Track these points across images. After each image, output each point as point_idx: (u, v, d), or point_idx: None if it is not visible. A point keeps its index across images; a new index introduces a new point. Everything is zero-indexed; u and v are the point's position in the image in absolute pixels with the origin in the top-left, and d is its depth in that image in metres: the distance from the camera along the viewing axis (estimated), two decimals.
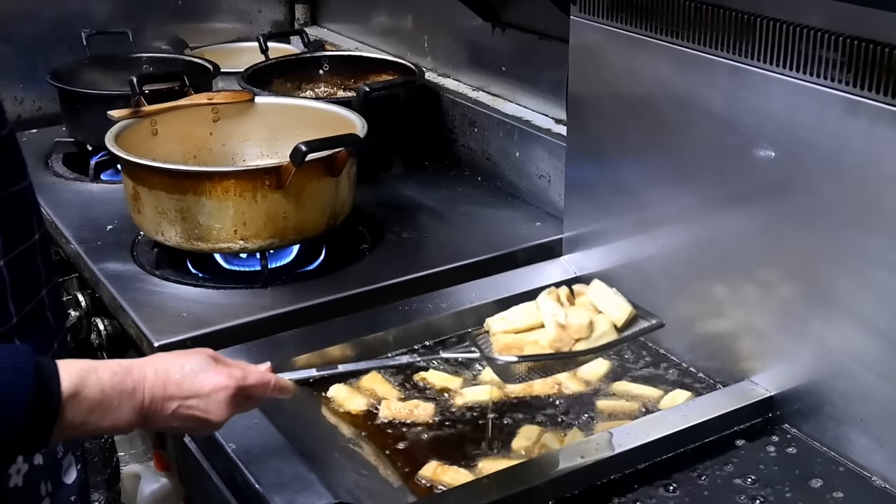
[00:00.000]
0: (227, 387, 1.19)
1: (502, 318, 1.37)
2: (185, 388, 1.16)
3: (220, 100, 2.17)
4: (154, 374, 1.14)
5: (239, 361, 1.27)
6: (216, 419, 1.19)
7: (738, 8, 1.45)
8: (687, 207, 1.62)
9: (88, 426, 1.09)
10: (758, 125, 1.46)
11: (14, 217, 1.14)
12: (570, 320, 1.29)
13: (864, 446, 1.39)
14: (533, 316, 1.34)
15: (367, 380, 1.62)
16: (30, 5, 2.75)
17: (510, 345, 1.32)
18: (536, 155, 2.18)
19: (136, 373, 1.12)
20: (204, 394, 1.17)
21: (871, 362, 1.36)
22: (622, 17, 1.66)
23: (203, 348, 1.26)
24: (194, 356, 1.21)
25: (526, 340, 1.32)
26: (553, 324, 1.30)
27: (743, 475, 1.40)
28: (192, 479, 1.65)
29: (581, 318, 1.30)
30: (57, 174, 2.43)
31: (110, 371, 1.09)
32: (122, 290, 1.86)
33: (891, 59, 1.26)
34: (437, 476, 1.41)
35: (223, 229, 1.82)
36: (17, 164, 1.16)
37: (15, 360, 1.02)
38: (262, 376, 1.25)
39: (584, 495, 1.36)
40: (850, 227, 1.36)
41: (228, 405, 1.19)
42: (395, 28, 2.80)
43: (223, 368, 1.21)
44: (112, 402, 1.09)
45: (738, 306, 1.57)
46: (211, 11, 3.06)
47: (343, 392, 1.59)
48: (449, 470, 1.42)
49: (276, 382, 1.27)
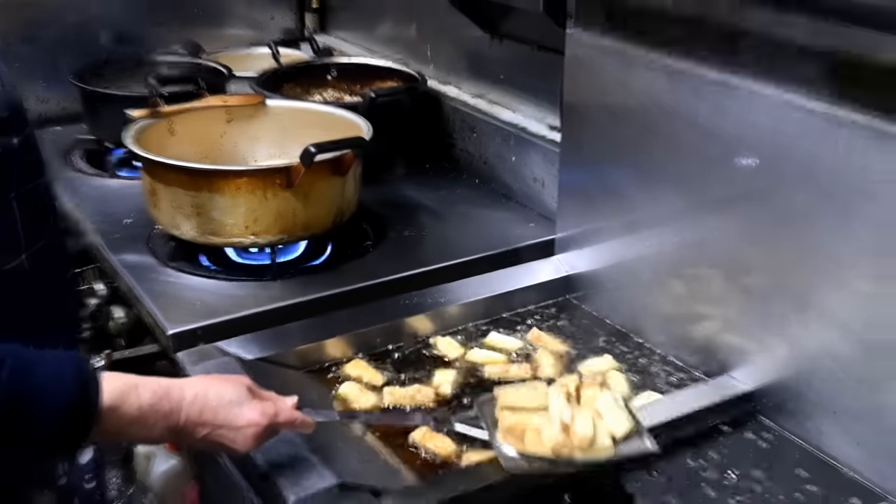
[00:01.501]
0: (258, 423, 1.20)
1: (512, 392, 1.36)
2: (219, 418, 1.17)
3: (234, 102, 2.17)
4: (192, 399, 1.15)
5: (270, 393, 1.26)
6: (242, 449, 1.20)
7: (725, 24, 1.45)
8: (673, 211, 1.63)
9: (123, 436, 1.15)
10: (741, 135, 1.46)
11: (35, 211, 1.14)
12: (576, 428, 1.27)
13: (837, 439, 1.40)
14: (541, 398, 1.32)
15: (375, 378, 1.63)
16: (54, 11, 2.74)
17: (514, 426, 1.31)
18: (531, 160, 2.18)
19: (174, 395, 1.13)
20: (236, 427, 1.18)
21: (844, 360, 1.37)
22: (615, 32, 1.66)
23: (241, 377, 1.26)
24: (234, 388, 1.20)
25: (530, 424, 1.30)
26: (559, 424, 1.28)
27: (722, 463, 1.41)
28: (202, 459, 1.65)
29: (586, 430, 1.27)
30: (78, 170, 2.43)
31: (150, 390, 1.11)
32: (138, 280, 1.86)
33: (868, 74, 1.26)
34: (425, 441, 1.44)
35: (235, 225, 1.82)
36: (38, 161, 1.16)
37: (59, 367, 1.04)
38: (290, 415, 1.25)
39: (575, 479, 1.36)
40: (826, 233, 1.36)
41: (256, 440, 1.20)
42: (400, 37, 2.80)
43: (257, 405, 1.21)
44: (148, 420, 1.10)
45: (719, 305, 1.57)
46: (226, 18, 3.06)
47: (355, 389, 1.58)
48: (436, 437, 1.44)
49: (302, 421, 1.27)
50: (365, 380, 1.61)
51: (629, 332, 1.75)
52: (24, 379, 1.00)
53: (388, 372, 1.63)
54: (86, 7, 2.78)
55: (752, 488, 1.36)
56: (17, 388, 0.99)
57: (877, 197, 1.28)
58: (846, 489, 1.35)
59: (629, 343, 1.73)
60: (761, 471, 1.39)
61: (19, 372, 1.00)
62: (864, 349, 1.33)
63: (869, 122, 1.27)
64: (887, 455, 1.33)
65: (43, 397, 1.01)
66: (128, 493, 2.22)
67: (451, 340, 1.72)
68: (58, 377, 1.02)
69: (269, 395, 1.25)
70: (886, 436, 1.32)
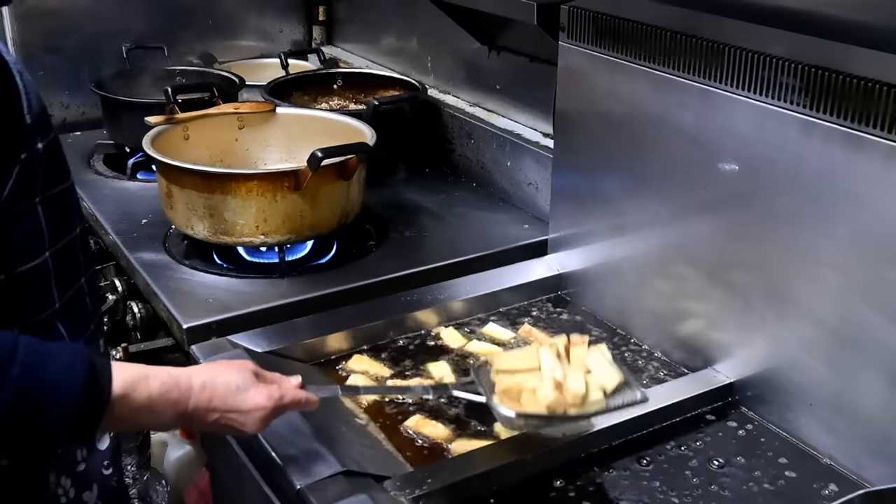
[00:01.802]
0: (265, 407, 1.19)
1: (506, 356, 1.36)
2: (228, 403, 1.17)
3: (245, 109, 2.17)
4: (201, 387, 1.14)
5: (275, 374, 1.26)
6: (250, 431, 1.20)
7: (709, 37, 1.45)
8: (659, 213, 1.62)
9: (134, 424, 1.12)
10: (723, 142, 1.46)
11: (59, 213, 1.14)
12: (569, 385, 1.26)
13: (814, 429, 1.40)
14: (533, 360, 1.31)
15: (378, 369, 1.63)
16: (76, 22, 2.74)
17: (510, 388, 1.30)
18: (526, 165, 2.18)
19: (183, 384, 1.13)
20: (244, 410, 1.18)
21: (820, 354, 1.37)
22: (605, 44, 1.66)
23: (246, 362, 1.26)
24: (240, 373, 1.20)
25: (524, 386, 1.29)
26: (552, 383, 1.26)
27: (705, 451, 1.41)
28: (214, 446, 1.65)
29: (578, 386, 1.26)
30: (98, 172, 2.43)
31: (160, 380, 1.10)
32: (154, 277, 1.86)
33: (844, 85, 1.26)
34: (419, 428, 1.44)
35: (246, 225, 1.82)
36: (62, 165, 1.16)
37: (72, 359, 1.02)
38: (295, 395, 1.24)
39: (566, 466, 1.37)
40: (804, 234, 1.36)
41: (264, 421, 1.20)
42: (402, 49, 2.80)
43: (263, 389, 1.20)
44: (157, 407, 1.10)
45: (702, 302, 1.57)
46: (238, 30, 3.05)
47: (361, 381, 1.58)
48: (429, 423, 1.44)
49: (307, 399, 1.27)
50: (371, 373, 1.61)
51: (617, 329, 1.75)
52: (36, 375, 0.99)
53: (389, 363, 1.63)
54: (105, 19, 2.77)
55: (734, 475, 1.36)
56: (29, 384, 0.98)
57: (853, 199, 1.28)
58: (824, 476, 1.35)
59: (617, 339, 1.72)
60: (743, 459, 1.39)
61: (31, 367, 0.98)
62: (838, 342, 1.33)
63: (845, 129, 1.27)
64: (862, 443, 1.33)
65: (55, 392, 1.00)
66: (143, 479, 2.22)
67: (453, 331, 1.73)
68: (70, 370, 1.01)
69: (273, 376, 1.25)
70: (861, 425, 1.32)
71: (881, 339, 1.27)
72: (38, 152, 1.07)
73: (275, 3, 3.12)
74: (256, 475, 1.41)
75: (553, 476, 1.35)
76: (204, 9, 2.95)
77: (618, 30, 1.62)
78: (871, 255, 1.27)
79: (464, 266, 1.92)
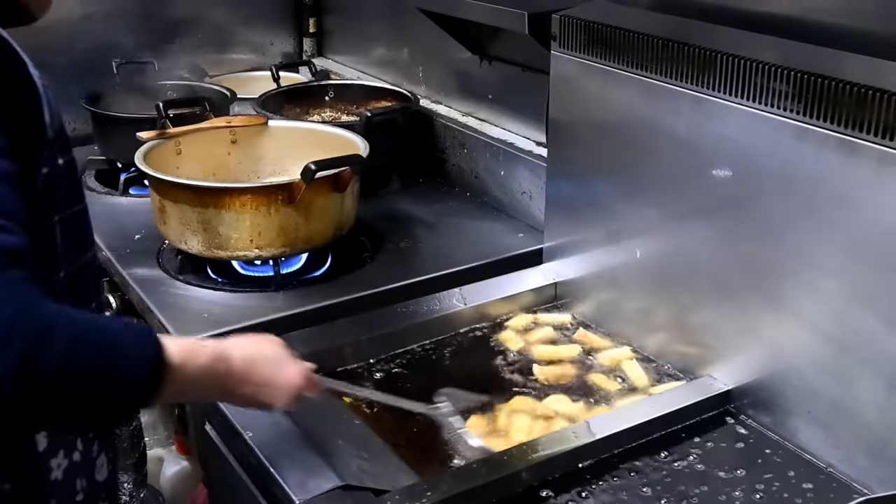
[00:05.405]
0: (298, 385, 1.22)
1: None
2: (265, 376, 1.19)
3: (238, 123, 2.17)
4: (242, 362, 1.16)
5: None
6: (279, 406, 1.23)
7: (700, 45, 1.46)
8: (653, 220, 1.63)
9: (183, 396, 1.20)
10: (717, 148, 1.47)
11: (75, 234, 1.13)
12: None
13: (812, 436, 1.39)
14: None
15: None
16: (66, 37, 2.73)
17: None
18: (519, 174, 2.18)
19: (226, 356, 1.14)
20: (278, 385, 1.20)
21: (818, 361, 1.37)
22: (597, 52, 1.67)
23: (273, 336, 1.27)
24: (275, 348, 1.23)
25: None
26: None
27: (704, 459, 1.41)
28: (211, 462, 1.64)
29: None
30: (90, 188, 2.42)
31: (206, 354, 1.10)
32: (148, 292, 1.85)
33: (835, 91, 1.26)
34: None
35: (240, 239, 1.82)
36: (77, 186, 1.17)
37: (140, 332, 1.02)
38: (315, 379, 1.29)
39: (564, 478, 1.36)
40: (798, 240, 1.36)
41: (292, 399, 1.23)
42: (393, 60, 2.80)
43: (298, 365, 1.24)
44: (204, 380, 1.10)
45: (698, 309, 1.57)
46: (229, 44, 3.05)
47: None
48: None
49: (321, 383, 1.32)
50: None
51: (614, 337, 1.75)
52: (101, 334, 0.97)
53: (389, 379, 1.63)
54: (95, 35, 2.77)
55: (731, 483, 1.35)
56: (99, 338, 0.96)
57: (847, 204, 1.29)
58: (823, 483, 1.35)
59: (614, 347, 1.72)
60: (741, 466, 1.39)
61: (93, 328, 0.97)
62: (836, 348, 1.33)
63: (838, 135, 1.27)
64: (861, 449, 1.32)
65: (135, 347, 0.99)
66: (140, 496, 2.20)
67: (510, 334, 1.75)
68: (135, 334, 1.00)
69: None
70: (860, 431, 1.32)
71: (879, 344, 1.27)
72: (59, 168, 1.07)
73: (265, 15, 3.12)
74: (254, 490, 1.41)
75: (551, 488, 1.35)
76: (194, 23, 2.94)
77: (609, 38, 1.63)
78: (867, 260, 1.27)
79: (458, 276, 1.92)
